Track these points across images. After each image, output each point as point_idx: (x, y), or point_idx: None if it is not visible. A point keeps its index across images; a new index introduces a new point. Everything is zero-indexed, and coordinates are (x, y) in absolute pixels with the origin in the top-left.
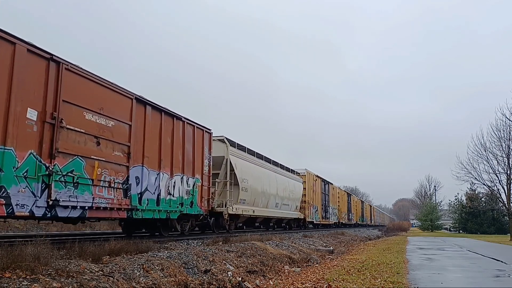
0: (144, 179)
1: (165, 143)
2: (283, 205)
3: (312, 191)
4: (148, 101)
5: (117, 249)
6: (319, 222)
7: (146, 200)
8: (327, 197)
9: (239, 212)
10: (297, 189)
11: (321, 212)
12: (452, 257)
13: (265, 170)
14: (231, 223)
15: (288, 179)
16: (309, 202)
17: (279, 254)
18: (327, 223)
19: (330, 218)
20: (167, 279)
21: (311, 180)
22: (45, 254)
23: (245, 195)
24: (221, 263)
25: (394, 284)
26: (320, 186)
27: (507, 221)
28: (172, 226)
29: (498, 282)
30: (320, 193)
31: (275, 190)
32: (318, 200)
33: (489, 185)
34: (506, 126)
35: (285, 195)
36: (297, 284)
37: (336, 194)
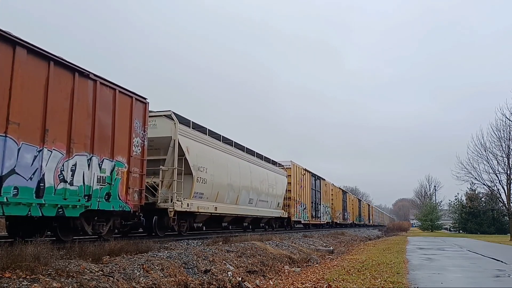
0: (7, 157)
1: (57, 106)
2: (260, 201)
3: (300, 186)
4: (22, 41)
5: (117, 249)
6: (308, 222)
7: (12, 189)
8: (318, 194)
9: (193, 209)
10: (279, 183)
11: (311, 210)
12: (452, 257)
13: (234, 158)
14: (183, 223)
15: (267, 171)
16: (296, 199)
17: (279, 254)
18: (318, 222)
19: (322, 217)
20: (167, 279)
21: (298, 174)
22: (45, 254)
23: (202, 188)
24: (221, 263)
25: (394, 284)
26: (310, 181)
27: (507, 221)
28: (77, 227)
29: (498, 282)
30: (310, 189)
31: (248, 183)
32: (306, 197)
33: (489, 185)
34: (506, 126)
35: (263, 189)
36: (297, 284)
37: (329, 191)
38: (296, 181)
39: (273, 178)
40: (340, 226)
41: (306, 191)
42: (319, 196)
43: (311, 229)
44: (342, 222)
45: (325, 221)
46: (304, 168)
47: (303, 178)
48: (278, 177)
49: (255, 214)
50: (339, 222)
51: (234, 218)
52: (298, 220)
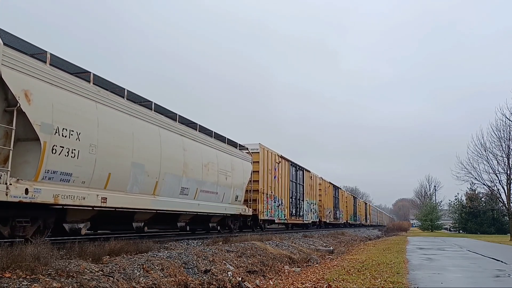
0: None
1: None
2: (203, 193)
3: (272, 176)
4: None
5: (117, 249)
6: (286, 221)
7: None
8: (299, 188)
9: (41, 198)
10: (238, 170)
11: (289, 207)
12: (452, 257)
13: (150, 126)
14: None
15: (217, 151)
16: (265, 192)
17: (279, 254)
18: (299, 222)
19: (306, 215)
20: (167, 279)
21: (270, 160)
22: (45, 254)
23: (67, 164)
24: (221, 263)
25: (394, 284)
26: (288, 171)
27: (507, 221)
28: None
29: (498, 282)
30: (288, 181)
31: (179, 165)
32: (282, 190)
33: (489, 185)
34: (506, 126)
35: (209, 176)
36: (297, 284)
37: (315, 185)
38: (267, 169)
39: (228, 162)
40: (332, 226)
41: (283, 183)
42: (302, 190)
43: (291, 230)
44: (333, 222)
45: (309, 221)
46: (280, 155)
47: (279, 167)
48: (236, 161)
49: (193, 210)
50: (330, 222)
51: (155, 216)
52: (270, 218)
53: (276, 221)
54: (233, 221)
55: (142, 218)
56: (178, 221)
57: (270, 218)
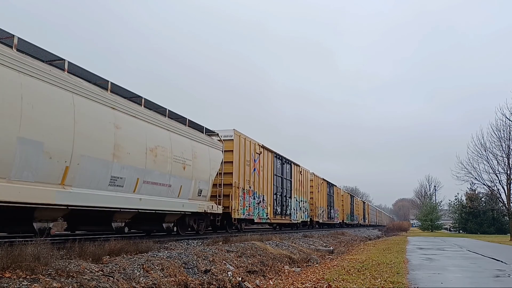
0: None
1: None
2: (146, 184)
3: (250, 168)
4: None
5: (117, 249)
6: (269, 221)
7: None
8: (286, 184)
9: None
10: (203, 158)
11: (273, 205)
12: (452, 257)
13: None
14: None
15: (171, 133)
16: (242, 187)
17: (279, 254)
18: (284, 221)
19: (294, 215)
20: (167, 279)
21: (248, 150)
22: (45, 254)
23: None
24: (221, 263)
25: (394, 284)
26: (272, 164)
27: (507, 221)
28: None
29: (498, 282)
30: (271, 175)
31: (107, 147)
32: (265, 185)
33: (489, 185)
34: (506, 126)
35: (158, 164)
36: (297, 284)
37: (305, 181)
38: (243, 160)
39: (188, 148)
40: (327, 226)
41: (265, 177)
42: (289, 186)
43: (280, 231)
44: (327, 222)
45: (298, 220)
46: (261, 144)
47: (260, 159)
48: (200, 148)
49: (132, 207)
50: (323, 222)
51: (70, 214)
52: (248, 217)
53: (256, 221)
54: (198, 220)
55: (48, 216)
56: (113, 221)
57: (248, 217)
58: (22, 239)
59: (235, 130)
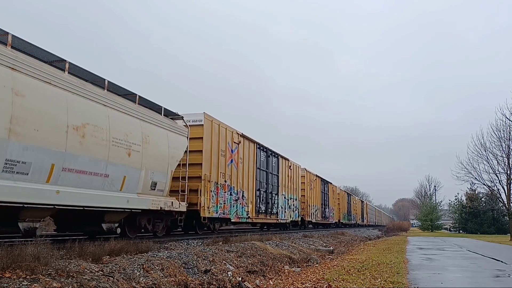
0: None
1: None
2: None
3: (227, 160)
4: None
5: (117, 249)
6: (251, 220)
7: None
8: (272, 179)
9: None
10: (158, 145)
11: (256, 202)
12: (452, 257)
13: None
14: None
15: (109, 109)
16: (215, 181)
17: (279, 254)
18: (269, 221)
19: (281, 213)
20: (167, 279)
21: (223, 138)
22: (45, 254)
23: None
24: (221, 263)
25: (394, 284)
26: (254, 156)
27: (507, 221)
28: None
29: (498, 282)
30: (254, 169)
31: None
32: (245, 180)
33: (489, 185)
34: (506, 126)
35: (87, 147)
36: (297, 284)
37: (296, 177)
38: (217, 149)
39: (136, 130)
40: (322, 226)
41: (245, 170)
42: (276, 182)
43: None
44: (321, 221)
45: (287, 219)
46: (240, 133)
47: (239, 149)
48: (155, 132)
49: (44, 202)
50: (316, 221)
51: None
52: (223, 216)
53: (234, 220)
54: (154, 220)
55: None
56: (19, 220)
57: (223, 216)
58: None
59: (206, 114)
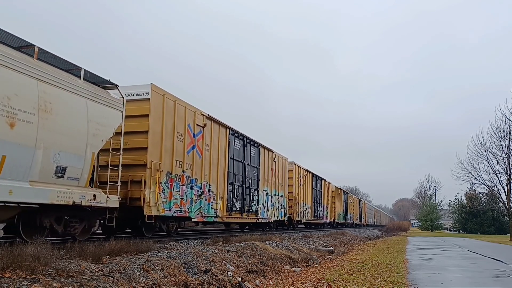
0: None
1: None
2: None
3: (187, 146)
4: None
5: (117, 249)
6: (219, 218)
7: None
8: (251, 172)
9: None
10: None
11: (228, 198)
12: (452, 257)
13: None
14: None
15: None
16: (166, 170)
17: (279, 254)
18: (246, 220)
19: (263, 212)
20: (167, 279)
21: (180, 117)
22: (45, 254)
23: None
24: (221, 263)
25: (394, 284)
26: (226, 144)
27: (507, 221)
28: None
29: (498, 282)
30: (225, 158)
31: None
32: (212, 171)
33: (489, 185)
34: (506, 126)
35: None
36: (297, 284)
37: (282, 171)
38: (170, 131)
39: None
40: (315, 226)
41: (213, 160)
42: (256, 175)
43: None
44: (312, 221)
45: (270, 219)
46: (206, 114)
47: (204, 134)
48: (66, 98)
49: None
50: (307, 221)
51: None
52: (180, 215)
53: (196, 219)
54: (69, 220)
55: None
56: None
57: (179, 215)
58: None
59: (155, 85)
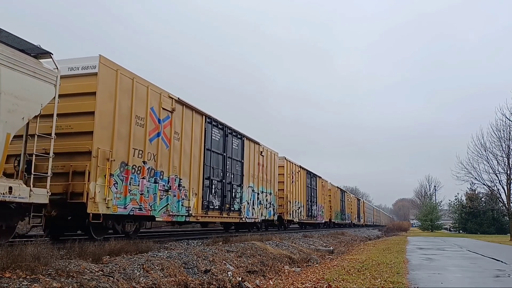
0: None
1: None
2: None
3: (151, 133)
4: None
5: (117, 249)
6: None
7: None
8: (233, 166)
9: None
10: None
11: (205, 195)
12: (452, 257)
13: None
14: None
15: None
16: (120, 160)
17: (279, 254)
18: (227, 219)
19: (247, 210)
20: (167, 279)
21: (140, 97)
22: (45, 254)
23: None
24: (221, 263)
25: (394, 284)
26: (203, 132)
27: (507, 221)
28: None
29: (498, 282)
30: (202, 150)
31: None
32: (185, 163)
33: (489, 185)
34: (506, 126)
35: None
36: (297, 284)
37: (271, 166)
38: (127, 113)
39: None
40: (311, 227)
41: (185, 150)
42: (239, 170)
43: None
44: (306, 221)
45: (256, 218)
46: (176, 97)
47: (173, 119)
48: None
49: None
50: (300, 221)
51: None
52: (140, 213)
53: (162, 218)
54: None
55: None
56: None
57: (139, 213)
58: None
59: (104, 57)
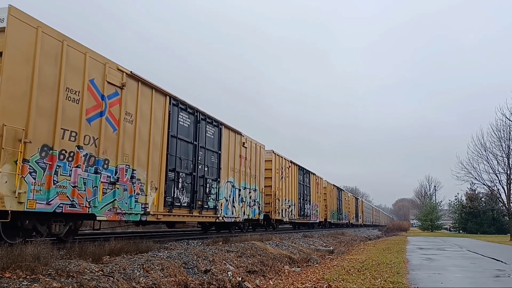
0: None
1: None
2: None
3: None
4: None
5: (117, 249)
6: (150, 216)
7: None
8: (209, 157)
9: None
10: None
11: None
12: (452, 257)
13: None
14: None
15: None
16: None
17: (279, 254)
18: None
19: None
20: (167, 279)
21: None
22: (45, 254)
23: None
24: (221, 263)
25: (394, 284)
26: (165, 114)
27: (507, 221)
28: None
29: (498, 282)
30: (164, 136)
31: None
32: (140, 151)
33: (489, 185)
34: (506, 126)
35: None
36: (297, 284)
37: (256, 160)
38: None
39: None
40: (305, 227)
41: (140, 133)
42: (216, 162)
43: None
44: (298, 220)
45: (237, 217)
46: (127, 71)
47: (124, 96)
48: None
49: None
50: (291, 220)
51: None
52: (72, 210)
53: (103, 217)
54: None
55: None
56: None
57: (71, 210)
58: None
59: (16, 9)
